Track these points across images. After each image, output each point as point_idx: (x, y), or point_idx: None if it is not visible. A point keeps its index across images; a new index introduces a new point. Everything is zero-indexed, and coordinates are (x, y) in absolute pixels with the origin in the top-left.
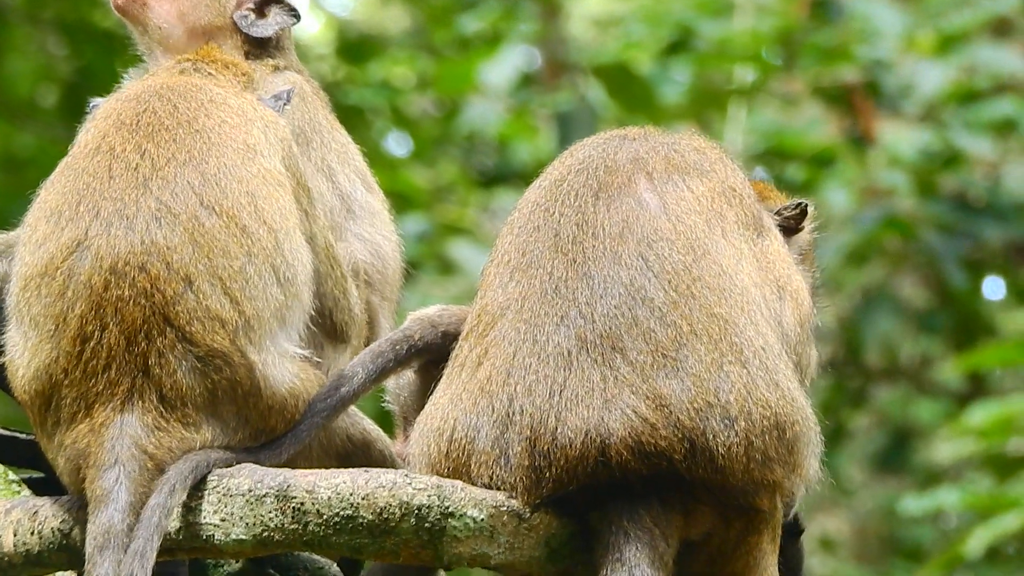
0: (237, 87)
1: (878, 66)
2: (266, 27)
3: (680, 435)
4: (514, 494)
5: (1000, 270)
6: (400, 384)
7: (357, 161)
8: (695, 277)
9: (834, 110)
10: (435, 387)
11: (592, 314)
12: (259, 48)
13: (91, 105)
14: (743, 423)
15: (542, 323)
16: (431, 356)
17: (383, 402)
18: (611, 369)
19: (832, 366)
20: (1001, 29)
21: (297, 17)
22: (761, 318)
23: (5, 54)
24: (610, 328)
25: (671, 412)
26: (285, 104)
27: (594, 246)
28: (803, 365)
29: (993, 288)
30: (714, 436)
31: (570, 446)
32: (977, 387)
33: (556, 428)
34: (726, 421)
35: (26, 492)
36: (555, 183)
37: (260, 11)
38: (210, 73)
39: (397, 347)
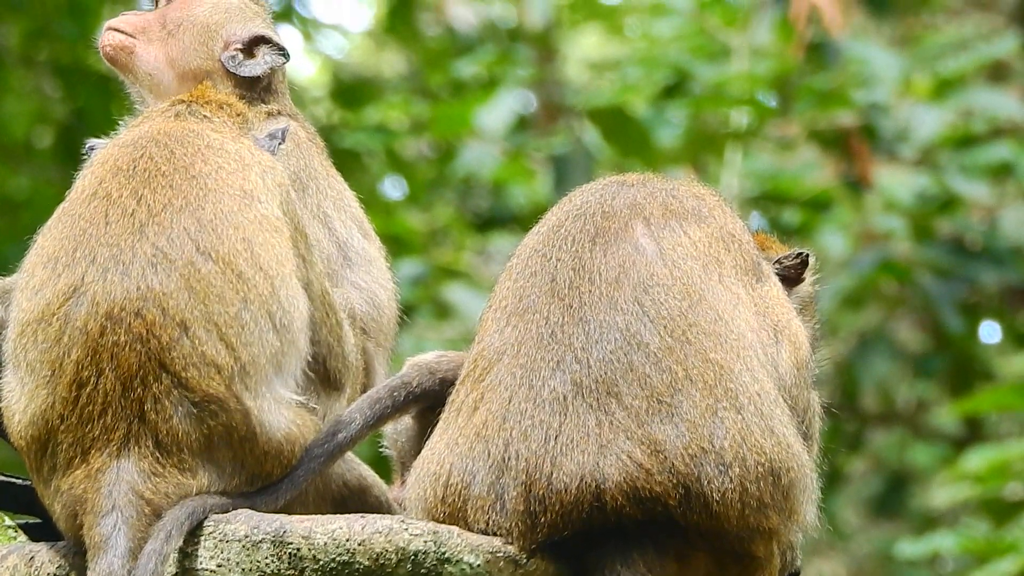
0: (233, 129)
1: (874, 110)
2: (255, 67)
3: (675, 481)
4: (510, 539)
5: (996, 314)
6: (398, 429)
7: (353, 208)
8: (691, 323)
9: (830, 154)
10: (432, 432)
11: (588, 359)
12: (251, 91)
13: (87, 147)
14: (738, 469)
15: (538, 368)
16: (429, 402)
17: (380, 447)
18: (606, 414)
19: (828, 410)
20: (998, 73)
21: (286, 56)
22: (757, 364)
23: (1, 96)
24: (606, 373)
25: (666, 458)
26: (280, 143)
27: (590, 291)
28: (800, 408)
29: (989, 332)
30: (708, 482)
31: (565, 491)
32: (974, 431)
33: (552, 473)
34: (720, 467)
35: (22, 538)
36: (553, 228)
37: (249, 51)
38: (205, 115)
39: (395, 394)
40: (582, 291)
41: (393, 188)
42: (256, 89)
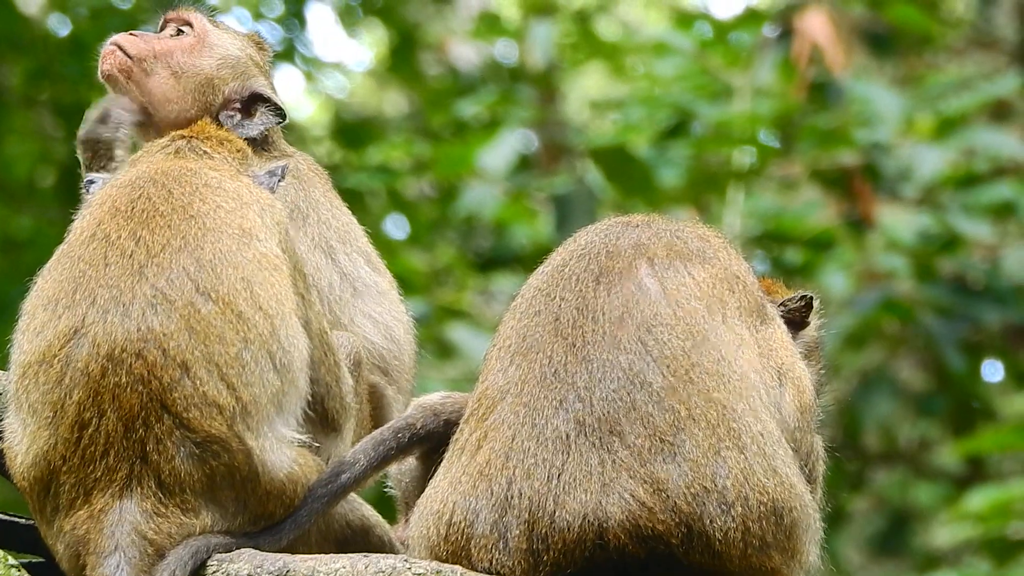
0: (233, 166)
1: (877, 149)
2: (252, 127)
3: (677, 520)
4: None
5: (998, 353)
6: (402, 470)
7: (361, 242)
8: (694, 363)
9: (833, 193)
10: (435, 471)
11: (591, 398)
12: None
13: (86, 181)
14: (740, 508)
15: (541, 407)
16: (433, 444)
17: (385, 487)
18: (609, 453)
19: (830, 449)
20: (1000, 113)
21: (283, 117)
22: (760, 404)
23: (3, 137)
24: (608, 412)
25: (668, 497)
26: (279, 180)
27: (594, 330)
28: (803, 452)
29: (992, 371)
30: (711, 521)
31: (568, 530)
32: (976, 471)
33: (554, 512)
34: (723, 506)
35: None
36: (557, 268)
37: (247, 111)
38: (205, 151)
39: (399, 435)
40: (585, 330)
41: (395, 228)
42: (252, 144)
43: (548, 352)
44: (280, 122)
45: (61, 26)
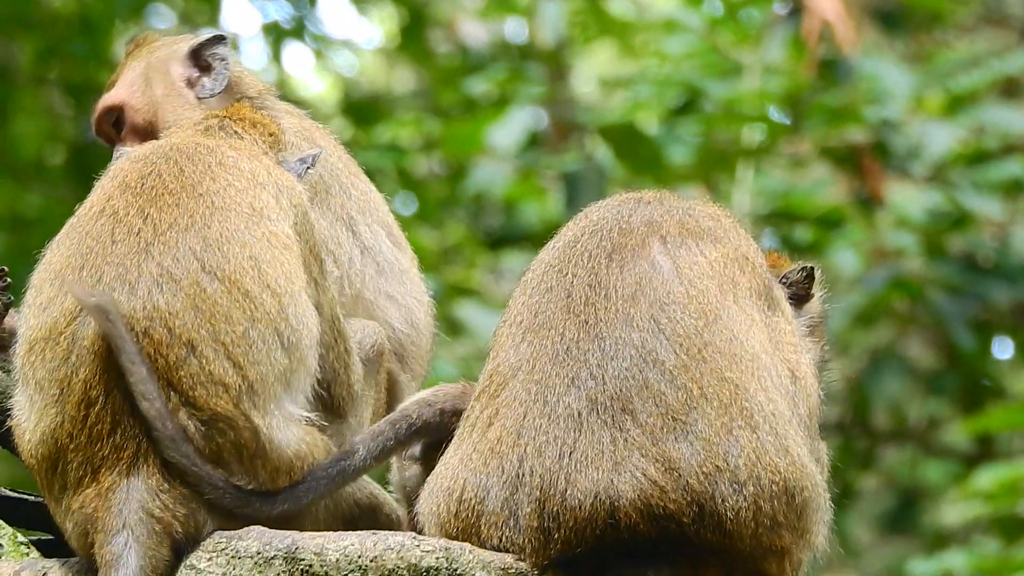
0: (260, 148)
1: (886, 127)
2: (218, 76)
3: (689, 498)
4: (523, 556)
5: (1008, 331)
6: (405, 476)
7: (381, 211)
8: (706, 341)
9: (842, 171)
10: (446, 447)
11: (603, 376)
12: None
13: (117, 154)
14: (752, 488)
15: (553, 384)
16: (432, 435)
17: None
18: (621, 431)
19: (840, 428)
20: (1010, 90)
21: (223, 39)
22: (771, 384)
23: (12, 115)
24: (621, 390)
25: (680, 475)
26: (308, 168)
27: (606, 308)
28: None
29: (1001, 349)
30: (723, 500)
31: (579, 508)
32: (985, 448)
33: (566, 490)
34: (735, 485)
35: (35, 554)
36: (569, 244)
37: (204, 68)
38: (236, 131)
39: (396, 426)
40: (598, 307)
41: (404, 206)
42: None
43: (560, 329)
44: (227, 46)
45: None
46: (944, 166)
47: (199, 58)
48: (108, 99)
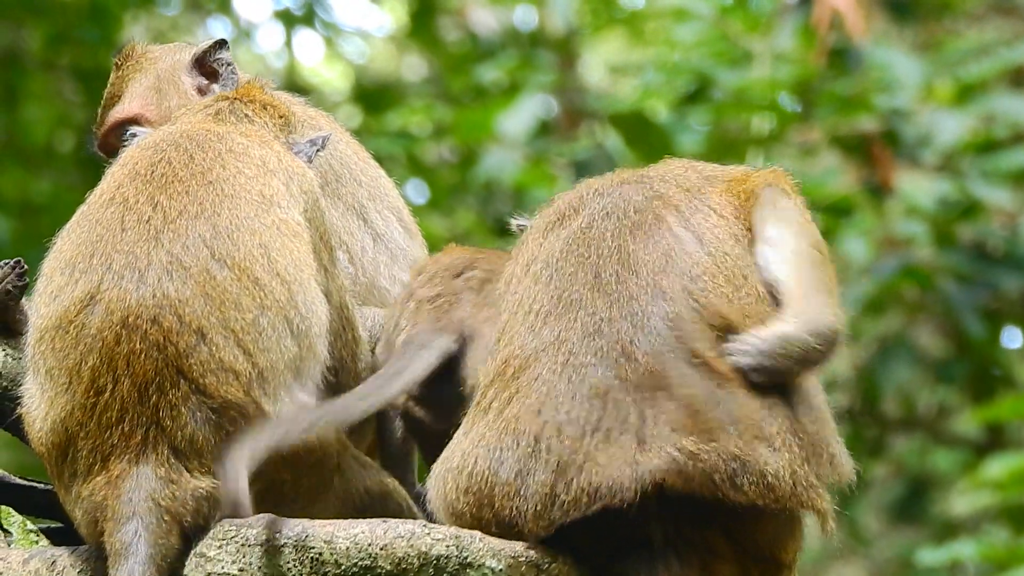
0: (270, 132)
1: (896, 115)
2: (226, 81)
3: (724, 462)
4: (525, 523)
5: (1018, 320)
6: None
7: (391, 196)
8: (737, 308)
9: (852, 159)
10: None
11: (635, 353)
12: None
13: (129, 134)
14: (787, 454)
15: (581, 364)
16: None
17: None
18: (652, 406)
19: (849, 415)
20: (1019, 79)
21: (224, 44)
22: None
23: (22, 101)
24: (654, 365)
25: (718, 443)
26: (318, 150)
27: (637, 283)
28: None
29: (1011, 338)
30: (763, 462)
31: (594, 483)
32: (995, 437)
33: (583, 463)
34: (771, 450)
35: (44, 542)
36: (582, 230)
37: (211, 75)
38: (246, 114)
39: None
40: (629, 284)
41: (415, 193)
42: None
43: (590, 309)
44: (227, 48)
45: None
46: (954, 155)
47: (204, 65)
48: (120, 113)
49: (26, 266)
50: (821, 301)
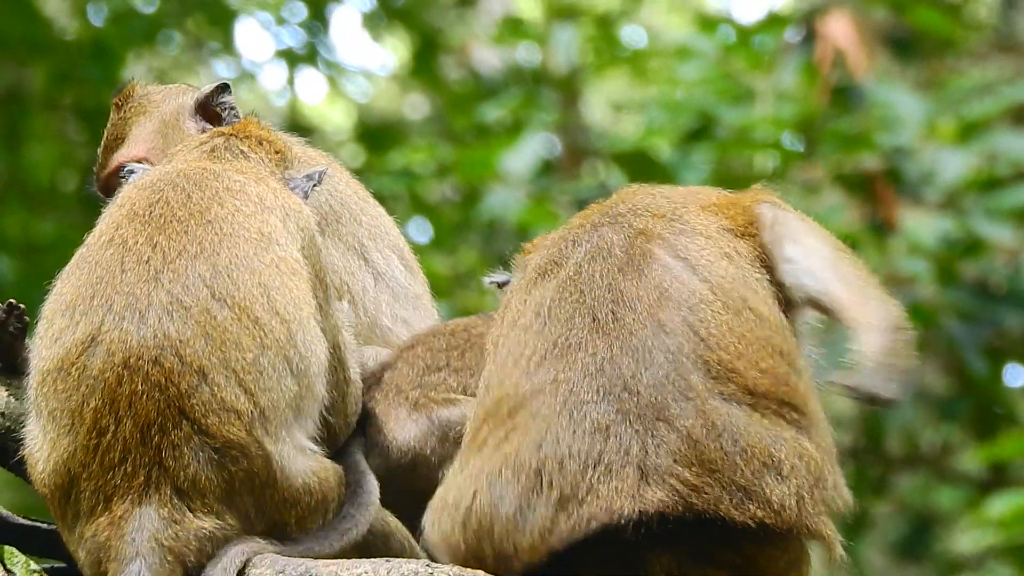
0: (266, 168)
1: (899, 153)
2: (230, 123)
3: (729, 493)
4: (524, 553)
5: (1021, 357)
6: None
7: (392, 235)
8: (739, 335)
9: (855, 197)
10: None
11: (637, 387)
12: None
13: (125, 171)
14: (794, 480)
15: (581, 401)
16: None
17: None
18: (654, 438)
19: (853, 454)
20: (1021, 117)
21: (227, 88)
22: (795, 356)
23: (25, 141)
24: (656, 398)
25: (722, 473)
26: (315, 185)
27: (635, 319)
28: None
29: (1014, 376)
30: (769, 490)
31: (593, 515)
32: (998, 475)
33: (585, 497)
34: (779, 478)
35: None
36: (571, 277)
37: (213, 118)
38: (242, 151)
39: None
40: (627, 320)
41: (418, 232)
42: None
43: (591, 350)
44: (230, 95)
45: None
46: (956, 193)
47: (207, 109)
48: (124, 157)
49: (22, 306)
50: (875, 296)
